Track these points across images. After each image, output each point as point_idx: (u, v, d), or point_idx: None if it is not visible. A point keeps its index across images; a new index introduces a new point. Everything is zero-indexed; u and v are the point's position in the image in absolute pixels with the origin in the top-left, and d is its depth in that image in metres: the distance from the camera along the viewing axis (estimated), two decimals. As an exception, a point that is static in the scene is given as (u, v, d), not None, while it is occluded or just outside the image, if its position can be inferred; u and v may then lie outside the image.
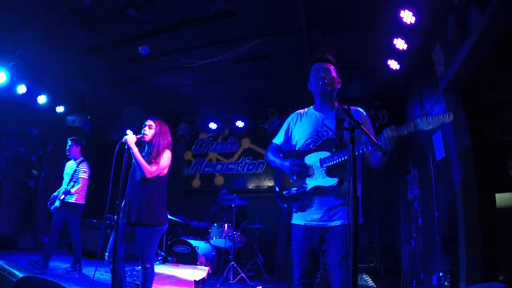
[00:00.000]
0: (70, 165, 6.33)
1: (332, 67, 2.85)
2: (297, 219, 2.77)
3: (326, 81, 2.73)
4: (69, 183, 6.06)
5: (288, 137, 3.00)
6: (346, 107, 2.45)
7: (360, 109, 2.81)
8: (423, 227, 5.43)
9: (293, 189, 2.75)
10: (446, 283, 4.11)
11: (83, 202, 6.21)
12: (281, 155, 2.93)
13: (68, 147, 6.26)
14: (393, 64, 5.59)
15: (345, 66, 5.96)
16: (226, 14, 5.19)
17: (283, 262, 6.47)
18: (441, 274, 4.29)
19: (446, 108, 4.26)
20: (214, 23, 5.38)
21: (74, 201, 6.02)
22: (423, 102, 5.19)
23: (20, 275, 2.67)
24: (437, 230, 4.69)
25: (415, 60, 5.41)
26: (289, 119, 3.05)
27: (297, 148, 2.87)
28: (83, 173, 6.16)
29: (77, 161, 6.25)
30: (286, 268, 5.70)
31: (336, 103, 2.83)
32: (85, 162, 6.29)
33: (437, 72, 4.53)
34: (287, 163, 2.76)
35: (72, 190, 5.96)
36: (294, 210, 2.83)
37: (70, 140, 6.33)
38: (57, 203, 5.93)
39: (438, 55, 4.45)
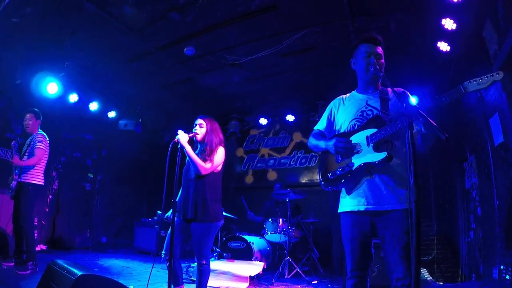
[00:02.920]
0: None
1: (382, 51, 2.71)
2: (344, 206, 2.66)
3: (377, 67, 2.59)
4: (23, 157, 5.11)
5: (331, 122, 2.90)
6: (401, 91, 2.37)
7: (406, 91, 2.70)
8: (482, 218, 5.15)
9: (339, 169, 2.62)
10: (507, 277, 3.88)
11: (41, 183, 5.22)
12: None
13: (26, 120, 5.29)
14: (443, 46, 5.29)
15: (393, 52, 5.78)
16: (268, 8, 5.21)
17: (339, 257, 6.35)
18: (502, 267, 4.08)
19: (502, 89, 4.00)
20: (256, 18, 5.43)
21: (35, 182, 5.10)
22: (477, 83, 4.90)
23: (78, 273, 2.72)
24: (498, 220, 4.43)
25: (466, 40, 5.09)
26: (331, 105, 2.96)
27: (342, 131, 2.76)
28: (39, 142, 5.15)
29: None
30: (343, 262, 5.60)
31: (380, 85, 2.76)
32: (41, 133, 5.30)
33: (490, 51, 4.27)
34: (331, 142, 2.65)
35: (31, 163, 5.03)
36: (341, 195, 2.73)
37: (31, 112, 5.33)
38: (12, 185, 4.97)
39: (490, 32, 4.18)
